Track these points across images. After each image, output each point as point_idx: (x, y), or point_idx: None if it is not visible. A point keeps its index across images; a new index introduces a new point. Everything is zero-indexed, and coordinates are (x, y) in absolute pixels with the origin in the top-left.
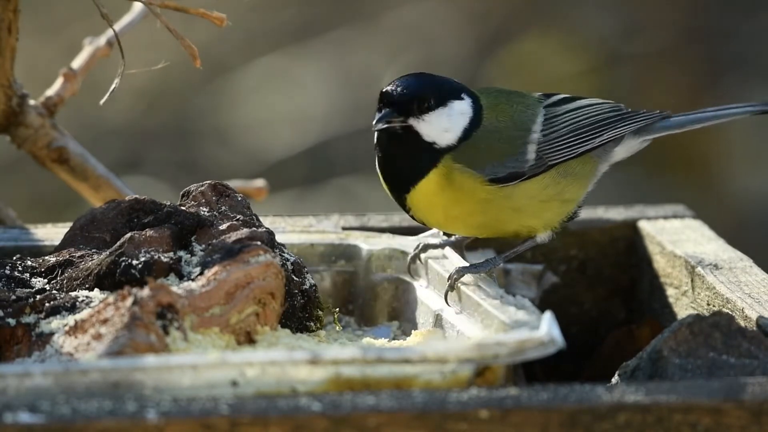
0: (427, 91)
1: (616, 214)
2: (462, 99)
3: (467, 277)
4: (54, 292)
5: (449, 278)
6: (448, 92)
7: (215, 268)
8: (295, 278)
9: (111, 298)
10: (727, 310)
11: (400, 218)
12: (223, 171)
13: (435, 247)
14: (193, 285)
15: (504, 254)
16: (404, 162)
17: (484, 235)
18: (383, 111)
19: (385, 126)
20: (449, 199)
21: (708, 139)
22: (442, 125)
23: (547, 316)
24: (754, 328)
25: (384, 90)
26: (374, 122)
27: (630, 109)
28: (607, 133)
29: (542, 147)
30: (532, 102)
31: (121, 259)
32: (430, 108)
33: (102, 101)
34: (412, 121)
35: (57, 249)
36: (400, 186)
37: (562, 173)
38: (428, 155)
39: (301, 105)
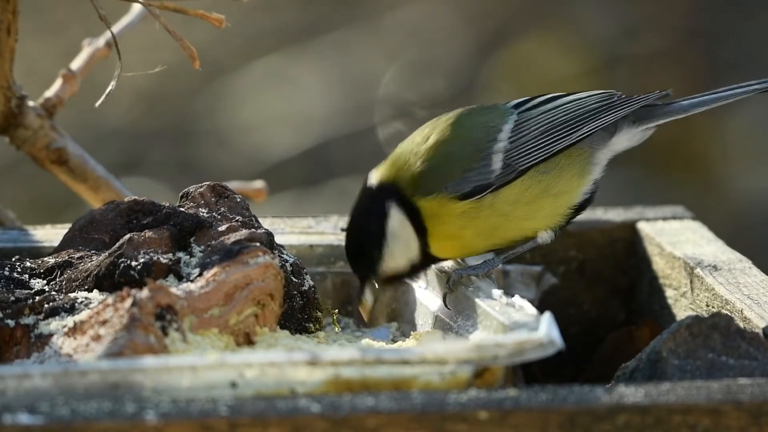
0: (367, 252)
1: (616, 215)
2: (389, 215)
3: (466, 279)
4: (53, 293)
5: (448, 280)
6: (376, 231)
7: (214, 270)
8: (294, 279)
9: (110, 300)
10: (726, 312)
11: None
12: (222, 172)
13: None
14: (192, 286)
15: (503, 255)
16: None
17: (496, 246)
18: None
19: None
20: (438, 225)
21: (707, 140)
22: (399, 250)
23: (546, 317)
24: (754, 330)
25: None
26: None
27: (624, 96)
28: (588, 125)
29: (510, 154)
30: (500, 113)
31: (120, 261)
32: (380, 256)
33: (98, 103)
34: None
35: (56, 250)
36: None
37: (542, 171)
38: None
39: (300, 106)
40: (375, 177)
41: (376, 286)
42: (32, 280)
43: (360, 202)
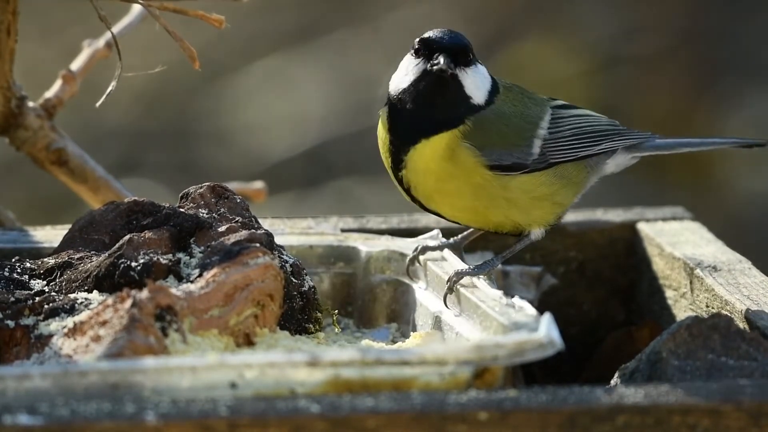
0: (469, 45)
1: (615, 215)
2: (482, 64)
3: (466, 279)
4: (53, 293)
5: (448, 280)
6: (474, 53)
7: (214, 270)
8: (294, 280)
9: (110, 300)
10: (726, 312)
11: (399, 220)
12: (221, 173)
13: (434, 249)
14: (192, 287)
15: (501, 255)
16: (434, 111)
17: (467, 221)
18: (441, 57)
19: (447, 69)
20: (446, 171)
21: None
22: (476, 82)
23: (546, 318)
24: (753, 330)
25: (430, 37)
26: (437, 66)
27: (623, 126)
28: (605, 143)
29: (547, 144)
30: (540, 100)
31: (120, 261)
32: (470, 62)
33: (98, 103)
34: (459, 72)
35: (56, 251)
36: (410, 136)
37: (558, 175)
38: (460, 109)
39: (299, 107)
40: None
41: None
42: (32, 281)
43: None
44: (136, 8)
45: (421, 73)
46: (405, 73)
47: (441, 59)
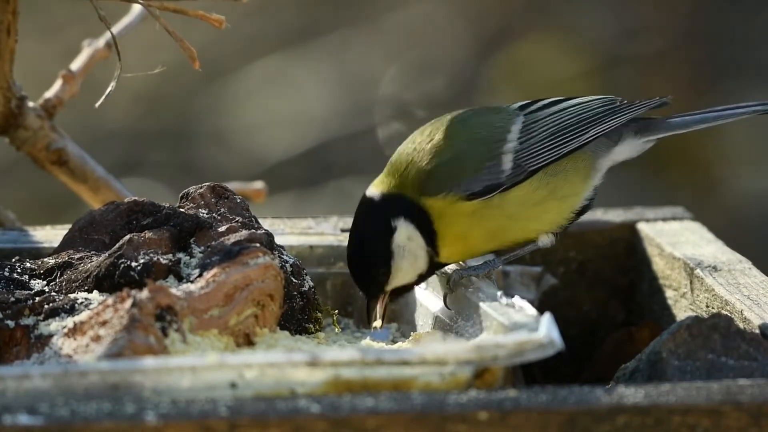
0: (372, 269)
1: (615, 215)
2: (396, 228)
3: (466, 279)
4: (53, 294)
5: (448, 280)
6: (381, 250)
7: (214, 270)
8: (294, 280)
9: (110, 300)
10: (726, 312)
11: None
12: (222, 173)
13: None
14: (192, 287)
15: (503, 257)
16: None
17: (498, 248)
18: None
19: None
20: (447, 226)
21: (707, 141)
22: (408, 264)
23: (546, 318)
24: (753, 330)
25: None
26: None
27: (625, 101)
28: (594, 129)
29: (520, 155)
30: (509, 114)
31: (120, 261)
32: (387, 274)
33: (98, 104)
34: (387, 292)
35: (56, 251)
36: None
37: (550, 173)
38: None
39: (299, 107)
40: (376, 189)
41: (381, 303)
42: (32, 281)
43: (361, 218)
44: (136, 8)
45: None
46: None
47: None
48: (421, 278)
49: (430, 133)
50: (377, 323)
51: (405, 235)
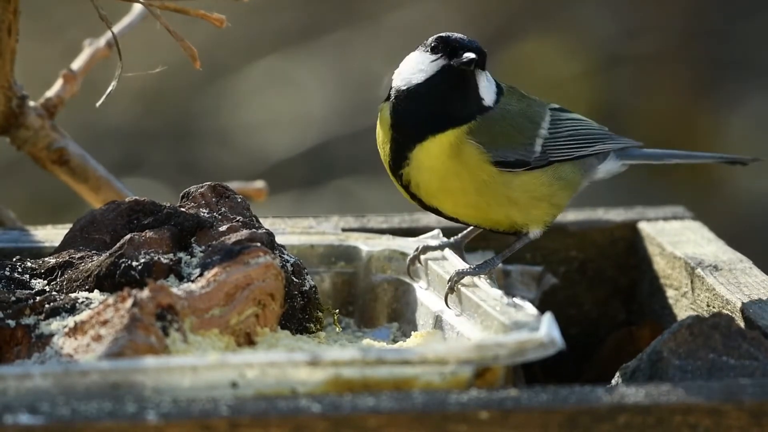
0: (485, 51)
1: (616, 215)
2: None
3: (467, 279)
4: (54, 293)
5: (449, 280)
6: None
7: (215, 270)
8: (294, 279)
9: (111, 300)
10: (727, 312)
11: (400, 219)
12: (222, 172)
13: (434, 248)
14: (192, 286)
15: (501, 254)
16: (445, 107)
17: (466, 218)
18: (471, 54)
19: (472, 65)
20: (452, 169)
21: (707, 140)
22: (486, 87)
23: (547, 318)
24: (754, 330)
25: (452, 36)
26: (466, 60)
27: (611, 133)
28: (598, 146)
29: (547, 143)
30: (540, 102)
31: (120, 261)
32: (484, 66)
33: (99, 103)
34: (477, 72)
35: (57, 250)
36: (416, 132)
37: (557, 176)
38: (471, 108)
39: (300, 106)
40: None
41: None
42: (33, 281)
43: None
44: (137, 7)
45: (440, 68)
46: (417, 69)
47: (471, 55)
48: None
49: (516, 100)
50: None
51: (490, 78)
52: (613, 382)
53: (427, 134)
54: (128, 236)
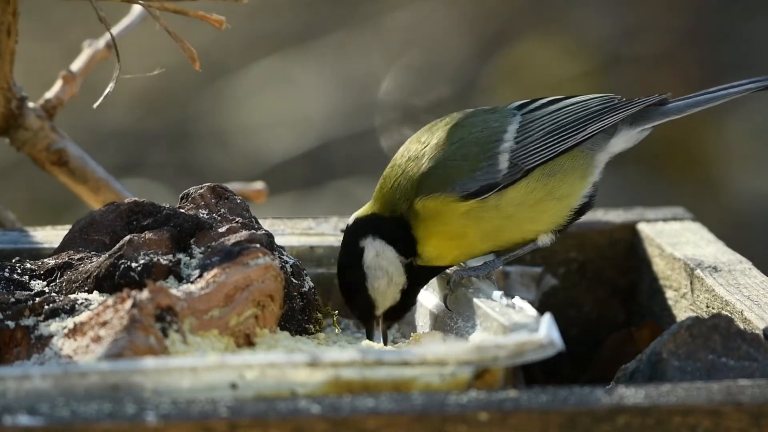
0: (355, 295)
1: (616, 216)
2: (364, 251)
3: (466, 280)
4: (53, 294)
5: (448, 281)
6: (356, 274)
7: (214, 271)
8: (294, 281)
9: (110, 301)
10: (727, 313)
11: None
12: (222, 173)
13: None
14: (192, 287)
15: (503, 257)
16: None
17: (497, 248)
18: (372, 332)
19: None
20: (439, 229)
21: (707, 140)
22: (383, 286)
23: (547, 319)
24: (754, 331)
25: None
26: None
27: (624, 99)
28: (592, 126)
29: (516, 154)
30: (505, 114)
31: (120, 262)
32: (369, 297)
33: (97, 104)
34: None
35: (56, 251)
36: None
37: (547, 173)
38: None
39: (300, 107)
40: (354, 215)
41: (379, 327)
42: (32, 282)
43: (341, 249)
44: (137, 9)
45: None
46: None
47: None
48: (409, 293)
49: (424, 140)
50: (380, 343)
51: (373, 253)
52: (613, 383)
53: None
54: (127, 237)
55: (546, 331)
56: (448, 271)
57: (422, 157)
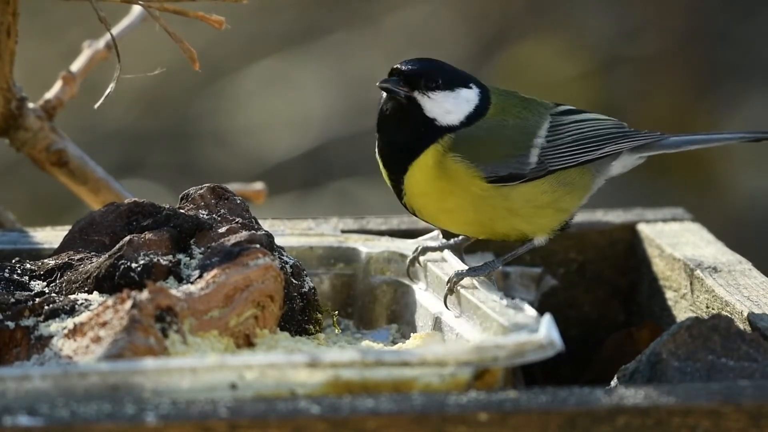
0: (436, 71)
1: (615, 216)
2: (470, 88)
3: (466, 280)
4: (53, 295)
5: (448, 281)
6: (456, 78)
7: (214, 271)
8: (294, 281)
9: (110, 301)
10: (726, 313)
11: (399, 221)
12: (222, 174)
13: (434, 249)
14: (192, 288)
15: (503, 257)
16: (402, 136)
17: (475, 234)
18: (391, 79)
19: (391, 90)
20: (442, 189)
21: None
22: (446, 106)
23: (546, 319)
24: (753, 331)
25: (395, 66)
26: (380, 83)
27: (630, 128)
28: (608, 147)
29: (545, 152)
30: (541, 109)
31: (120, 262)
32: (437, 87)
33: (97, 104)
34: (417, 95)
35: (56, 252)
36: (397, 165)
37: (561, 182)
38: (427, 131)
39: (300, 108)
40: (495, 90)
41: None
42: (32, 282)
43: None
44: (136, 9)
45: (383, 99)
46: (379, 102)
47: (380, 84)
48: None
49: (504, 100)
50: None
51: (469, 96)
52: (613, 383)
53: (406, 164)
54: (127, 238)
55: (546, 332)
56: (447, 272)
57: (485, 120)
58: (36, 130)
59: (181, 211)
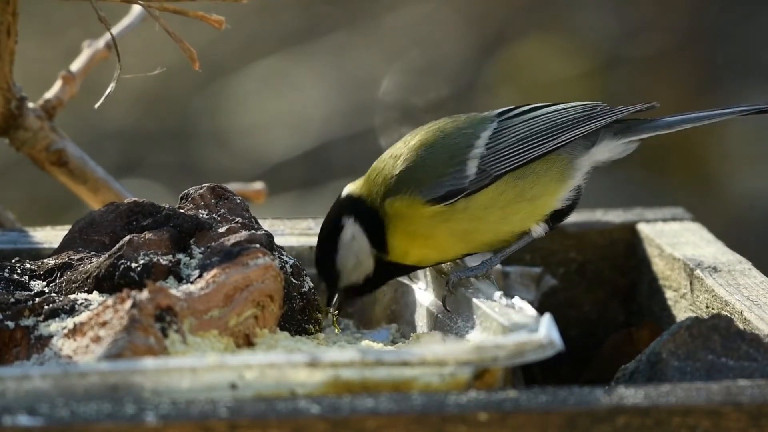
0: (325, 262)
1: (615, 216)
2: (343, 229)
3: (465, 280)
4: (53, 294)
5: (447, 282)
6: (330, 245)
7: (214, 271)
8: (293, 281)
9: (110, 301)
10: (726, 313)
11: None
12: (221, 174)
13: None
14: (191, 288)
15: (500, 254)
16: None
17: (476, 250)
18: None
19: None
20: (409, 232)
21: (707, 141)
22: (350, 266)
23: (546, 319)
24: (753, 331)
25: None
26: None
27: (607, 107)
28: (567, 134)
29: (485, 160)
30: (478, 122)
31: (119, 262)
32: (336, 269)
33: (97, 104)
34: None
35: (56, 252)
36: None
37: (518, 176)
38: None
39: (299, 108)
40: (346, 189)
41: (336, 297)
42: (32, 282)
43: (327, 215)
44: (136, 9)
45: None
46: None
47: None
48: (373, 281)
49: (407, 140)
50: (331, 310)
51: (349, 234)
52: (612, 383)
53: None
54: (127, 237)
55: (546, 331)
56: (447, 272)
57: (399, 157)
58: (36, 130)
59: (181, 210)
